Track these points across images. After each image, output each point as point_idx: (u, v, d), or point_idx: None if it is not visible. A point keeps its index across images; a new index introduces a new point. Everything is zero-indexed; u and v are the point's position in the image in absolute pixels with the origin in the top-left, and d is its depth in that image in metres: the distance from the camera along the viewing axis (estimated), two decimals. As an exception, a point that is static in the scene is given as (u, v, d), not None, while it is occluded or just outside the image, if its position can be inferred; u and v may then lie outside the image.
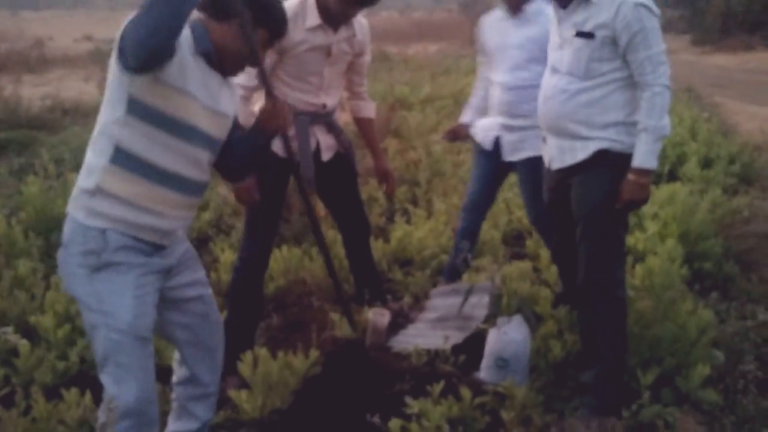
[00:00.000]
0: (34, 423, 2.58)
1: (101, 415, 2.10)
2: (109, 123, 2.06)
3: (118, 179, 2.07)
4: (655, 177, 6.02)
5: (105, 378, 2.14)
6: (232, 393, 2.76)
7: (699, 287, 4.02)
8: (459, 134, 3.88)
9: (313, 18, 2.96)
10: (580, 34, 2.66)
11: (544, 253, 3.92)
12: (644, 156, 2.60)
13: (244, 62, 2.28)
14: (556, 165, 2.88)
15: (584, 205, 2.77)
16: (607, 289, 2.77)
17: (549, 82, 2.83)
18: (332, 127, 3.23)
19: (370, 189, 5.13)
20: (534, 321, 3.11)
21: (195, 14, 2.18)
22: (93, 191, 2.08)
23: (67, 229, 2.15)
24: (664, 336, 2.96)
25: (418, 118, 7.44)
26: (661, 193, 4.99)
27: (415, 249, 4.31)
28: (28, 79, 12.50)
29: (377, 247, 4.25)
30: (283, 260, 3.97)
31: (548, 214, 3.15)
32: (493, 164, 3.73)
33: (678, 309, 3.07)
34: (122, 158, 2.06)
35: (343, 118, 3.51)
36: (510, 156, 3.67)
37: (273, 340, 3.46)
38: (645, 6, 2.56)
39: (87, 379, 2.98)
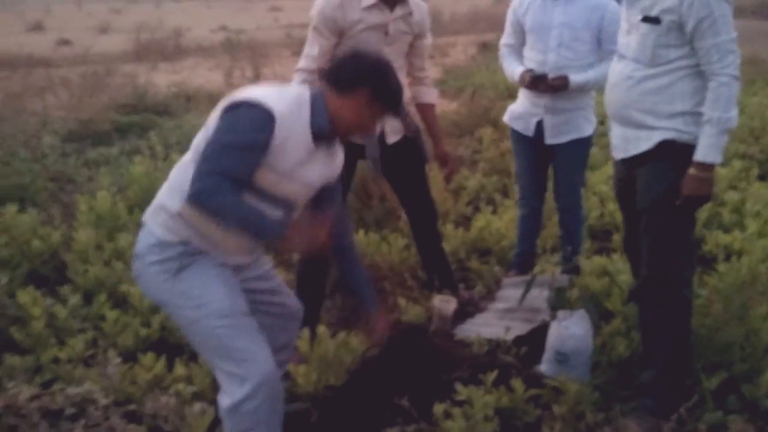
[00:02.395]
0: (109, 381, 2.81)
1: (223, 399, 2.16)
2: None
3: (196, 214, 2.10)
4: (765, 174, 5.65)
5: (224, 365, 2.15)
6: (290, 367, 2.88)
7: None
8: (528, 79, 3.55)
9: None
10: (647, 19, 2.55)
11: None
12: (707, 149, 2.46)
13: (361, 130, 2.33)
14: (619, 155, 2.78)
15: (648, 198, 2.66)
16: (670, 286, 2.65)
17: (615, 68, 2.73)
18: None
19: (459, 177, 5.13)
20: (597, 317, 3.03)
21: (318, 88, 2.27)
22: (173, 214, 2.16)
23: (142, 240, 2.22)
24: (733, 340, 2.79)
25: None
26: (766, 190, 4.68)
27: (494, 239, 4.28)
28: (164, 67, 13.25)
29: (457, 235, 4.26)
30: (359, 244, 4.05)
31: (619, 205, 3.05)
32: (535, 150, 3.66)
33: (753, 313, 2.88)
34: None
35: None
36: (552, 139, 3.60)
37: (342, 320, 3.56)
38: None
39: (165, 346, 3.21)
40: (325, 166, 2.31)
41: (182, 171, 2.18)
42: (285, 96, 2.17)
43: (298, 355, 3.01)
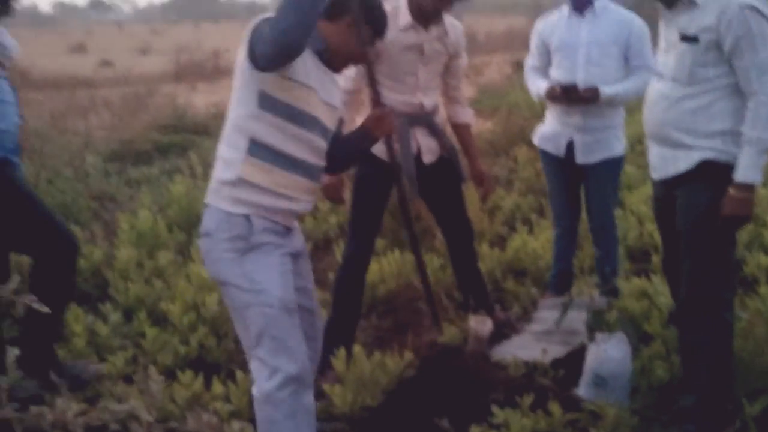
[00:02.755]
0: (151, 399, 2.85)
1: (255, 390, 2.26)
2: (243, 118, 2.23)
3: (257, 169, 2.24)
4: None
5: (261, 352, 2.23)
6: (326, 386, 2.89)
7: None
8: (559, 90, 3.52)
9: (405, 18, 3.06)
10: (685, 38, 2.54)
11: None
12: (746, 170, 2.43)
13: (352, 59, 2.46)
14: (657, 175, 2.76)
15: (687, 219, 2.63)
16: (710, 309, 2.61)
17: (654, 87, 2.72)
18: (433, 130, 3.28)
19: (494, 197, 5.11)
20: (635, 339, 2.99)
21: None
22: (235, 182, 2.24)
23: (209, 219, 2.30)
24: (777, 365, 2.74)
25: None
26: (813, 211, 4.58)
27: (530, 259, 4.26)
28: (203, 87, 13.53)
29: (493, 255, 4.24)
30: (396, 264, 4.07)
31: (658, 225, 3.02)
32: (567, 170, 3.65)
33: (797, 337, 2.83)
34: (258, 150, 2.23)
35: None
36: (584, 158, 3.58)
37: (378, 340, 3.57)
38: (753, 8, 2.40)
39: (203, 364, 3.26)
40: (334, 90, 2.43)
41: (225, 143, 2.31)
42: None
43: (334, 375, 3.03)
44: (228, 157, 2.28)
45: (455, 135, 3.54)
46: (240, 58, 2.23)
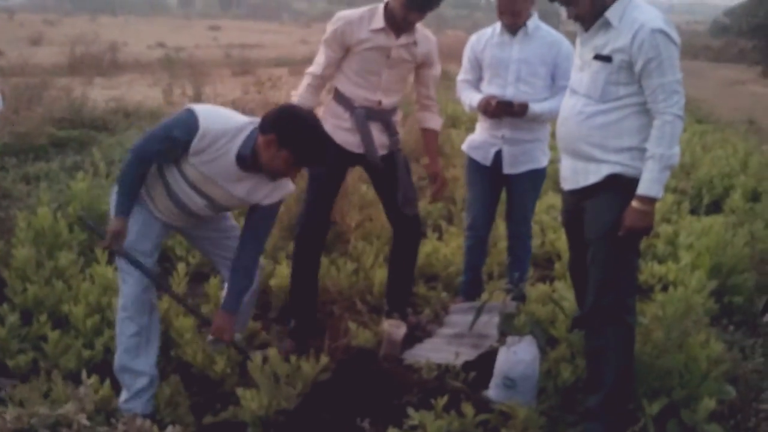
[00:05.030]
0: (53, 405, 2.72)
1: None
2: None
3: (152, 177, 2.82)
4: (695, 208, 5.94)
5: (119, 280, 2.91)
6: (238, 391, 2.84)
7: (727, 322, 3.93)
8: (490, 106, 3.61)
9: (379, 21, 3.27)
10: (599, 57, 2.68)
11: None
12: (649, 184, 2.59)
13: (274, 173, 2.74)
14: (568, 186, 2.89)
15: (594, 229, 2.77)
16: (615, 314, 2.76)
17: (567, 103, 2.85)
18: (388, 127, 3.43)
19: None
20: (544, 342, 3.11)
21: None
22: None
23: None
24: (673, 366, 2.92)
25: (463, 136, 7.43)
26: (699, 224, 4.91)
27: (441, 265, 4.35)
28: (99, 81, 12.97)
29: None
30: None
31: (566, 234, 3.16)
32: (491, 179, 3.78)
33: (692, 340, 3.02)
34: (158, 172, 2.81)
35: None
36: (510, 169, 3.72)
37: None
38: (663, 33, 2.56)
39: (109, 368, 3.13)
40: (257, 190, 2.81)
41: None
42: (229, 121, 2.72)
43: (292, 344, 3.40)
44: None
45: (423, 138, 3.73)
46: None
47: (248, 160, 2.69)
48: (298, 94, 3.44)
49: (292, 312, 3.62)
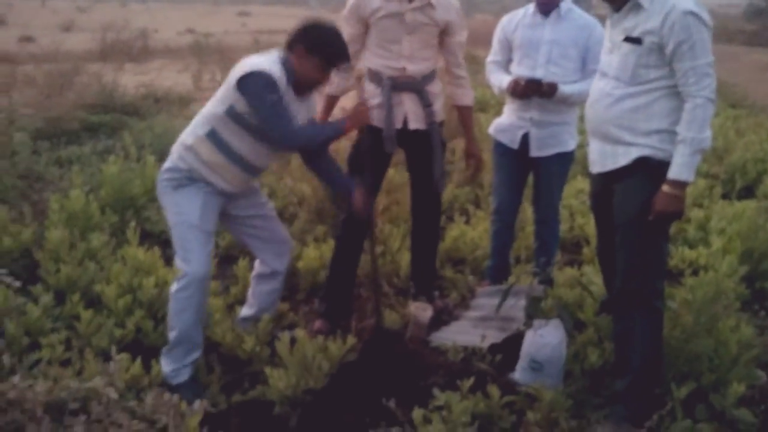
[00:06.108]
0: (86, 383, 2.77)
1: (173, 285, 2.97)
2: (211, 114, 2.97)
3: (205, 147, 2.97)
4: (728, 193, 5.85)
5: (178, 258, 2.96)
6: (267, 370, 2.88)
7: (758, 307, 3.88)
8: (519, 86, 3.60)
9: None
10: (629, 39, 2.64)
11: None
12: (680, 168, 2.56)
13: (309, 83, 3.00)
14: (596, 169, 2.87)
15: (623, 213, 2.75)
16: (643, 298, 2.74)
17: (597, 85, 2.82)
18: (422, 97, 3.38)
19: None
20: (571, 326, 3.10)
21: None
22: (187, 147, 2.99)
23: (165, 164, 3.06)
24: (703, 351, 2.89)
25: (491, 120, 7.39)
26: (731, 208, 4.83)
27: (468, 249, 4.35)
28: (130, 67, 13.07)
29: (431, 244, 4.30)
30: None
31: (594, 218, 3.14)
32: (518, 163, 3.75)
33: (722, 325, 2.99)
34: (213, 137, 2.96)
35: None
36: (538, 152, 3.69)
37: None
38: (695, 14, 2.52)
39: (141, 347, 3.19)
40: (299, 112, 3.03)
41: (193, 123, 3.05)
42: (268, 60, 2.91)
43: (324, 324, 3.49)
44: (194, 130, 3.00)
45: (458, 115, 3.68)
46: (231, 81, 2.91)
47: (293, 82, 2.93)
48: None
49: (328, 294, 3.61)
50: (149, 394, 2.30)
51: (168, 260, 3.83)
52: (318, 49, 2.90)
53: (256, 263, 3.36)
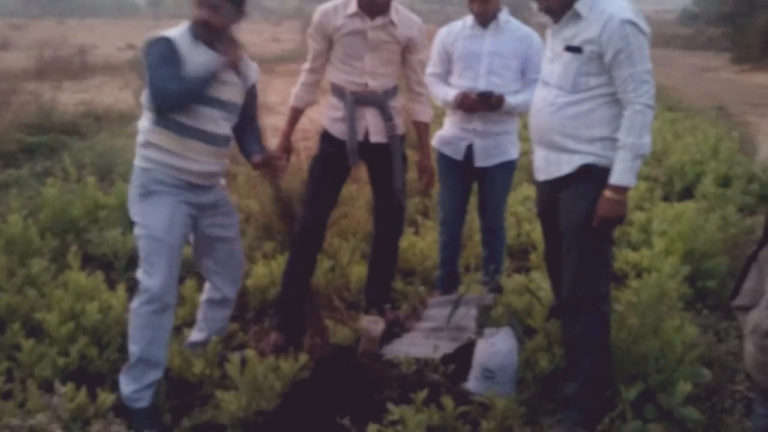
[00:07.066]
0: (28, 415, 2.68)
1: (134, 301, 2.88)
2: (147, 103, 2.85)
3: (161, 135, 2.87)
4: (668, 194, 6.01)
5: (141, 273, 2.87)
6: (218, 393, 2.83)
7: (701, 306, 3.98)
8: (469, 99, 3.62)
9: (352, 7, 3.32)
10: (569, 48, 2.69)
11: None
12: (621, 173, 2.61)
13: (216, 30, 2.89)
14: (542, 177, 2.91)
15: (569, 219, 2.79)
16: (590, 303, 2.78)
17: (539, 94, 2.86)
18: (384, 113, 3.41)
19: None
20: (521, 333, 3.12)
21: None
22: (144, 144, 2.90)
23: (133, 172, 2.95)
24: (649, 352, 2.94)
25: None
26: (672, 210, 4.96)
27: (418, 259, 4.36)
28: (69, 85, 12.78)
29: (381, 256, 4.29)
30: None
31: (541, 225, 3.18)
32: (463, 173, 3.79)
33: (667, 325, 3.05)
34: (162, 122, 2.85)
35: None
36: (482, 162, 3.74)
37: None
38: (632, 23, 2.58)
39: (85, 375, 3.10)
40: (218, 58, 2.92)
41: (142, 116, 2.95)
42: (176, 28, 2.89)
43: (278, 337, 3.44)
44: (142, 126, 2.92)
45: (415, 130, 3.67)
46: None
47: (196, 36, 2.87)
48: (293, 93, 3.52)
49: (281, 306, 3.57)
50: (95, 424, 2.23)
51: (111, 284, 3.74)
52: None
53: (207, 286, 3.29)
